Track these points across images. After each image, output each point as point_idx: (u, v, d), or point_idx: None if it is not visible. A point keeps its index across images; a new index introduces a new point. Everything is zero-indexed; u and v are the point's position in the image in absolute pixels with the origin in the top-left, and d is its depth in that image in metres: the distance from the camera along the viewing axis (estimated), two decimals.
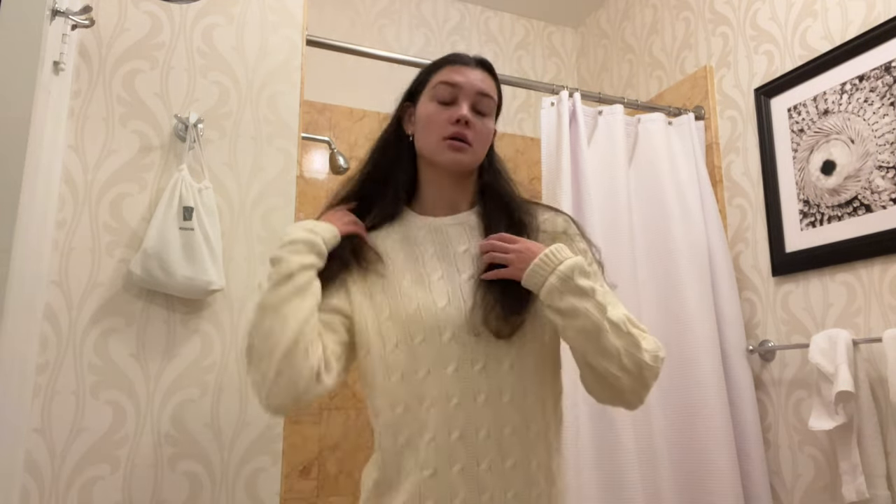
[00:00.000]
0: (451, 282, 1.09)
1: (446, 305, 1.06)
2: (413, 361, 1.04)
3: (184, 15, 1.67)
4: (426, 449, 1.01)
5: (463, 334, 1.04)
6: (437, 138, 1.12)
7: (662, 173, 2.10)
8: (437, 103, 1.14)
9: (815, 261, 1.85)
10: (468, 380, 1.03)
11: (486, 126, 1.15)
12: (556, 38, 3.15)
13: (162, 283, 1.46)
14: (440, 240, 1.14)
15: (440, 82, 1.14)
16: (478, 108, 1.14)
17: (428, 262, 1.11)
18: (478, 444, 1.02)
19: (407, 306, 1.06)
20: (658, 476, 1.83)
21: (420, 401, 1.03)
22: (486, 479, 1.01)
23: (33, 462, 1.38)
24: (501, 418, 1.03)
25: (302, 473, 2.32)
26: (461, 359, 1.03)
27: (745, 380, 1.96)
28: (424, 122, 1.14)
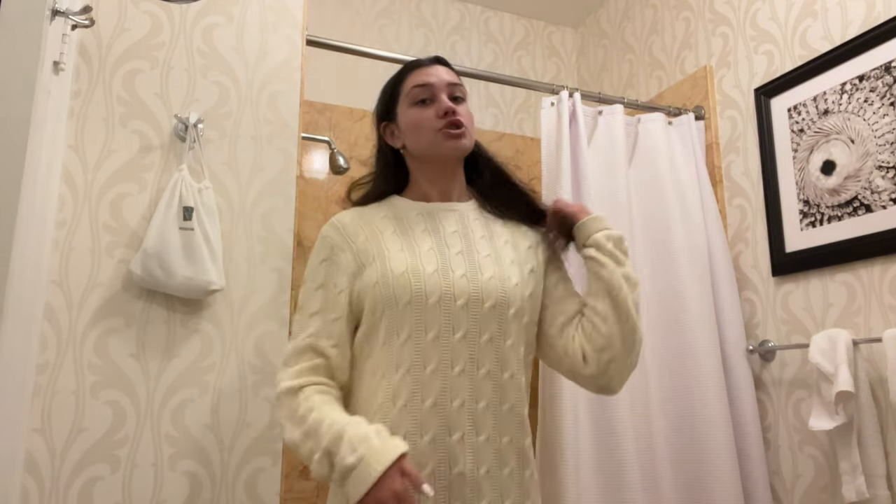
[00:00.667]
0: (441, 254, 1.13)
1: (434, 272, 1.09)
2: (396, 326, 1.07)
3: (184, 15, 1.67)
4: (398, 415, 1.03)
5: (448, 301, 1.07)
6: (432, 134, 1.16)
7: (662, 173, 2.10)
8: (417, 107, 1.19)
9: (815, 261, 1.85)
10: (447, 348, 1.06)
11: (468, 110, 1.21)
12: (556, 38, 3.15)
13: (162, 283, 1.46)
14: (430, 220, 1.19)
15: (413, 87, 1.20)
16: (454, 96, 1.20)
17: (418, 236, 1.15)
18: (450, 414, 1.04)
19: (395, 269, 1.09)
20: (658, 476, 1.83)
21: (396, 367, 1.05)
22: (457, 451, 1.03)
23: (33, 462, 1.38)
24: (477, 391, 1.06)
25: (302, 473, 2.32)
26: (443, 326, 1.06)
27: (745, 380, 1.96)
28: (413, 127, 1.19)
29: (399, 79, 1.24)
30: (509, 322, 1.11)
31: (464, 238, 1.16)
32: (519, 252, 1.20)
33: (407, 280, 1.08)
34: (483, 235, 1.19)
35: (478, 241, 1.17)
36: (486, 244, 1.17)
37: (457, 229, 1.18)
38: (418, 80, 1.20)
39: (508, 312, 1.11)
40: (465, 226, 1.19)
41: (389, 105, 1.25)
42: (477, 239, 1.18)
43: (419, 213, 1.20)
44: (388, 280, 1.08)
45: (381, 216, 1.19)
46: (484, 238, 1.18)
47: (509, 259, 1.16)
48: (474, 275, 1.11)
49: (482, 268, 1.13)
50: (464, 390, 1.05)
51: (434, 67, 1.22)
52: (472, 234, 1.18)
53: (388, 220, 1.18)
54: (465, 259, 1.13)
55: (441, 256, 1.12)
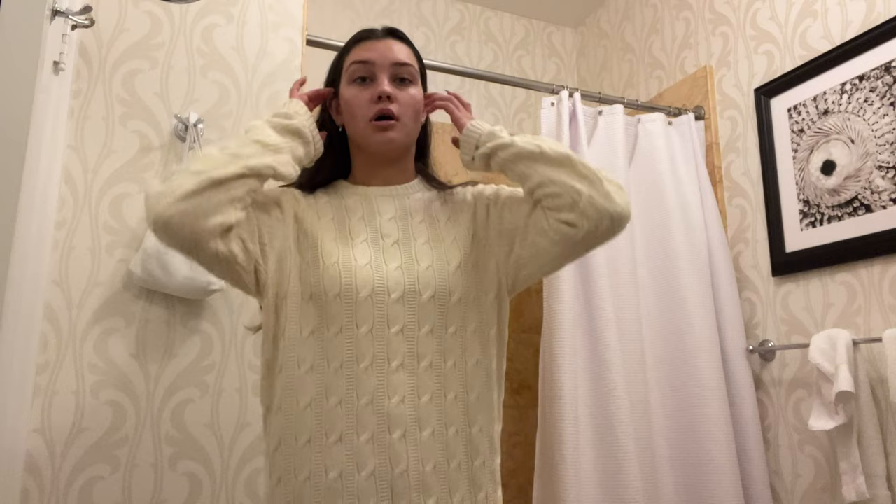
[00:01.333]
0: (375, 245, 1.06)
1: (366, 264, 1.03)
2: (325, 318, 1.00)
3: (184, 15, 1.67)
4: (332, 413, 0.97)
5: (382, 294, 1.01)
6: (363, 121, 1.09)
7: (662, 173, 2.10)
8: (355, 85, 1.10)
9: (815, 261, 1.85)
10: (382, 343, 0.99)
11: (411, 94, 1.11)
12: (556, 38, 3.15)
13: (162, 283, 1.46)
14: (368, 206, 1.11)
15: (352, 63, 1.11)
16: (399, 76, 1.11)
17: (354, 225, 1.09)
18: (390, 411, 0.97)
19: (326, 260, 1.03)
20: (658, 476, 1.83)
21: (328, 361, 0.99)
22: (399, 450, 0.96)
23: (33, 462, 1.38)
24: (419, 385, 1.00)
25: None
26: (377, 320, 1.00)
27: (745, 380, 1.96)
28: (347, 108, 1.11)
29: (344, 51, 1.15)
30: (452, 309, 1.04)
31: (401, 225, 1.10)
32: (459, 226, 1.12)
33: (336, 272, 1.01)
34: (423, 219, 1.12)
35: (416, 227, 1.10)
36: (426, 228, 1.10)
37: (394, 215, 1.11)
38: (359, 55, 1.11)
39: (451, 300, 1.04)
40: (404, 211, 1.11)
41: (334, 77, 1.17)
42: (416, 224, 1.11)
43: (358, 199, 1.12)
44: (319, 270, 1.02)
45: (323, 201, 1.13)
46: (423, 222, 1.11)
47: (450, 239, 1.09)
48: (410, 266, 1.04)
49: (419, 257, 1.06)
50: (403, 386, 0.99)
51: (382, 42, 1.12)
52: (411, 219, 1.11)
53: (328, 206, 1.12)
54: (401, 249, 1.07)
55: (374, 248, 1.06)
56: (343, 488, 0.95)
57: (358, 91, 1.10)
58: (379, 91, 1.07)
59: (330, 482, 0.95)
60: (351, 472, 0.95)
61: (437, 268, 1.05)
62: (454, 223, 1.12)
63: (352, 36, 1.15)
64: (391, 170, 1.15)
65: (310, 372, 0.99)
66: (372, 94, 1.08)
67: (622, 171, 2.04)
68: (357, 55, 1.11)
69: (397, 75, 1.10)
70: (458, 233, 1.11)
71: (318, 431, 0.97)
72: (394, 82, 1.10)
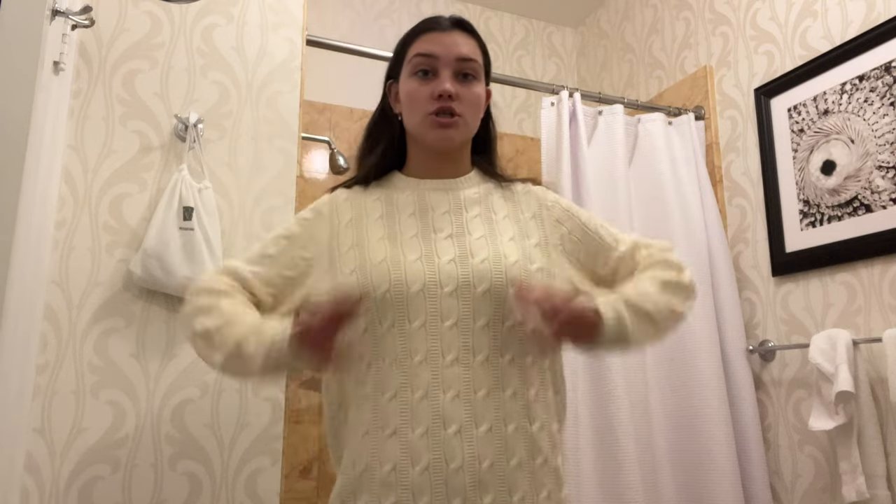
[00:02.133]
0: (426, 239, 1.05)
1: (416, 259, 1.02)
2: (375, 315, 1.00)
3: (184, 15, 1.67)
4: (387, 407, 0.97)
5: (434, 288, 0.99)
6: (422, 116, 1.06)
7: (662, 173, 2.10)
8: (416, 78, 1.07)
9: (815, 261, 1.85)
10: (436, 336, 0.98)
11: (474, 92, 1.08)
12: (556, 38, 3.15)
13: (162, 283, 1.46)
14: (420, 201, 1.10)
15: (416, 55, 1.07)
16: (462, 72, 1.07)
17: (404, 221, 1.07)
18: (444, 405, 0.96)
19: (373, 258, 1.02)
20: (658, 476, 1.83)
21: (382, 356, 0.99)
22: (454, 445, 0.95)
23: (33, 462, 1.38)
24: (475, 380, 0.98)
25: (302, 473, 2.32)
26: (430, 314, 0.99)
27: (745, 380, 1.96)
28: (407, 101, 1.08)
29: (408, 39, 1.11)
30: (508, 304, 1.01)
31: (455, 219, 1.07)
32: (521, 225, 1.10)
33: (385, 269, 1.01)
34: (478, 214, 1.09)
35: (471, 222, 1.08)
36: (481, 223, 1.08)
37: (448, 209, 1.09)
38: (423, 47, 1.07)
39: (507, 294, 1.01)
40: (458, 205, 1.09)
41: (396, 64, 1.14)
42: (471, 219, 1.08)
43: (411, 193, 1.11)
44: (366, 269, 1.01)
45: (374, 199, 1.12)
46: (479, 217, 1.09)
47: (508, 236, 1.07)
48: (464, 259, 1.02)
49: (474, 250, 1.04)
50: (458, 380, 0.97)
51: (448, 34, 1.08)
52: (466, 214, 1.09)
53: (378, 203, 1.11)
54: (455, 243, 1.04)
55: (426, 242, 1.04)
56: (397, 482, 0.94)
57: (419, 84, 1.07)
58: (441, 89, 1.04)
59: (384, 475, 0.95)
60: (405, 466, 0.94)
61: (493, 261, 1.02)
62: (514, 220, 1.10)
63: (417, 24, 1.11)
64: (447, 164, 1.13)
65: (367, 368, 1.00)
66: (433, 90, 1.05)
67: (622, 171, 2.04)
68: (420, 47, 1.08)
69: (461, 71, 1.07)
70: (518, 231, 1.09)
71: (374, 425, 0.97)
72: (456, 78, 1.07)
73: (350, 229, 1.08)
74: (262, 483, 1.53)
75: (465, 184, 1.13)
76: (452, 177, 1.13)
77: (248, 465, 1.53)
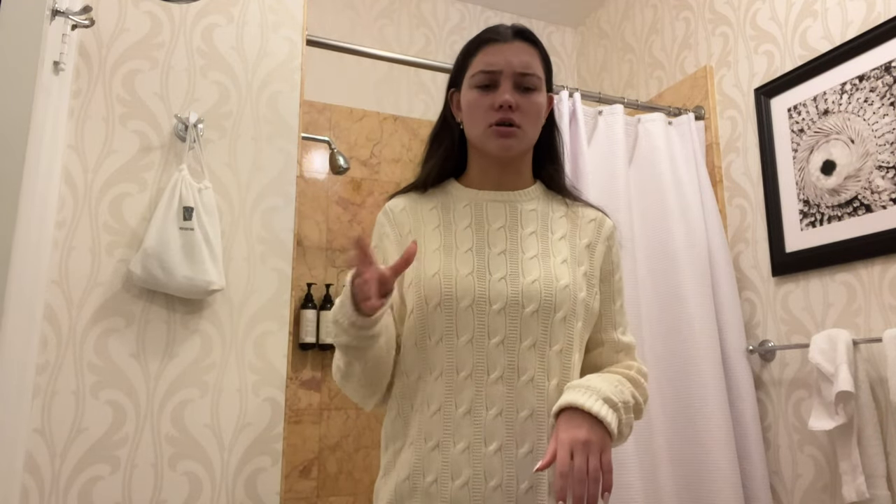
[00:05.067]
0: (480, 254, 1.06)
1: (469, 274, 1.04)
2: (426, 328, 1.03)
3: (184, 15, 1.67)
4: (431, 421, 1.00)
5: (483, 304, 1.02)
6: (483, 126, 1.08)
7: (662, 173, 2.10)
8: (477, 90, 1.09)
9: (815, 261, 1.85)
10: (482, 353, 1.00)
11: (534, 103, 1.09)
12: (556, 38, 3.15)
13: (162, 283, 1.46)
14: (477, 213, 1.11)
15: (478, 71, 1.09)
16: (522, 85, 1.08)
17: (460, 233, 1.09)
18: (486, 423, 0.98)
19: (427, 270, 1.05)
20: (658, 476, 1.83)
21: (430, 370, 1.02)
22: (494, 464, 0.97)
23: (33, 462, 1.38)
24: (518, 399, 0.99)
25: (302, 473, 2.32)
26: (477, 330, 1.01)
27: (745, 380, 1.96)
28: (468, 111, 1.10)
29: (471, 51, 1.12)
30: (556, 326, 1.03)
31: (510, 235, 1.09)
32: (575, 250, 1.10)
33: (438, 282, 1.03)
34: (534, 231, 1.10)
35: (526, 239, 1.09)
36: (536, 242, 1.09)
37: (504, 224, 1.10)
38: (485, 61, 1.08)
39: (555, 317, 1.03)
40: (514, 220, 1.10)
41: (458, 74, 1.15)
42: (526, 236, 1.09)
43: (468, 205, 1.12)
44: (421, 281, 1.04)
45: (430, 207, 1.13)
46: (534, 234, 1.10)
47: (561, 258, 1.08)
48: (515, 277, 1.04)
49: (525, 270, 1.05)
50: (501, 399, 0.99)
51: (509, 45, 1.08)
52: (521, 231, 1.10)
53: (435, 213, 1.12)
54: (508, 260, 1.06)
55: (479, 257, 1.06)
56: (438, 494, 0.97)
57: (479, 95, 1.08)
58: (501, 101, 1.05)
59: (426, 486, 0.98)
60: (446, 479, 0.97)
61: (545, 283, 1.04)
62: (570, 243, 1.11)
63: (479, 34, 1.12)
64: (507, 174, 1.13)
65: (418, 381, 1.03)
66: (493, 101, 1.07)
67: (622, 171, 2.04)
68: (483, 60, 1.09)
69: (521, 84, 1.08)
70: (572, 255, 1.09)
71: (419, 437, 1.01)
72: (517, 89, 1.08)
73: (409, 239, 1.10)
74: (262, 483, 1.53)
75: (524, 197, 1.14)
76: (512, 189, 1.14)
77: (248, 465, 1.53)
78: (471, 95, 1.09)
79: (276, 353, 1.60)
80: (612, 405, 0.97)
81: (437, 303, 1.02)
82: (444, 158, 1.16)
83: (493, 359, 1.00)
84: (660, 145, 2.14)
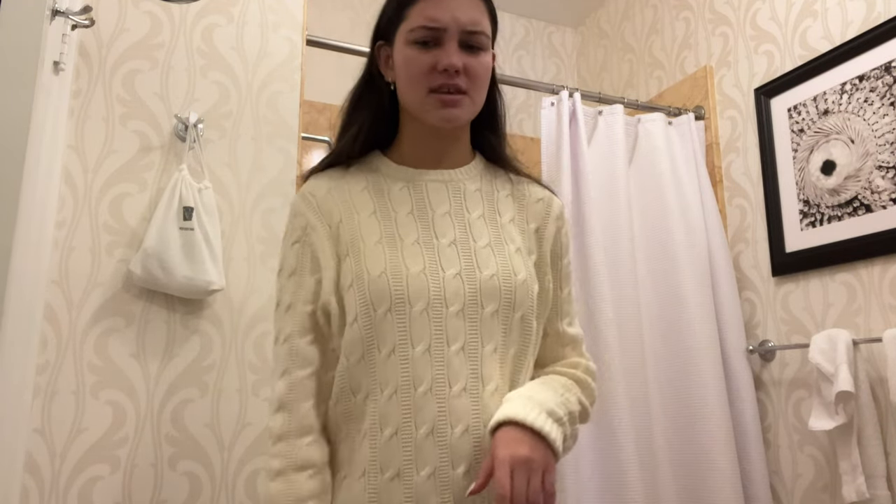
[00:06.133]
0: (428, 246, 0.92)
1: (420, 272, 0.89)
2: (374, 338, 0.88)
3: (184, 15, 1.67)
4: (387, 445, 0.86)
5: (439, 307, 0.88)
6: (423, 91, 0.92)
7: (662, 173, 2.10)
8: (416, 47, 0.93)
9: (815, 261, 1.85)
10: (441, 363, 0.87)
11: (483, 64, 0.94)
12: (556, 38, 3.15)
13: (162, 283, 1.46)
14: (417, 196, 0.96)
15: (418, 26, 0.93)
16: (469, 44, 0.93)
17: (402, 222, 0.94)
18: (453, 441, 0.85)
19: (371, 269, 0.89)
20: (658, 476, 1.83)
21: (381, 387, 0.87)
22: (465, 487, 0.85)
23: (33, 462, 1.38)
24: (485, 413, 0.86)
25: None
26: (434, 337, 0.87)
27: (745, 380, 1.96)
28: (404, 72, 0.94)
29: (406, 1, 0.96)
30: (514, 327, 0.91)
31: (457, 221, 0.94)
32: (525, 235, 0.99)
33: (385, 284, 0.88)
34: (481, 214, 0.97)
35: (475, 224, 0.95)
36: (485, 227, 0.96)
37: (449, 209, 0.95)
38: (427, 15, 0.92)
39: (514, 316, 0.91)
40: (459, 203, 0.96)
41: (389, 25, 0.98)
42: (474, 220, 0.96)
43: (404, 186, 0.96)
44: (364, 282, 0.88)
45: (360, 188, 0.97)
46: (482, 218, 0.96)
47: (514, 246, 0.96)
48: (471, 272, 0.90)
49: (481, 263, 0.91)
50: (467, 414, 0.86)
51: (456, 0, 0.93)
52: (468, 215, 0.96)
53: (367, 195, 0.96)
54: (459, 251, 0.92)
55: (428, 250, 0.91)
56: None
57: (419, 54, 0.92)
58: (447, 63, 0.90)
59: None
60: None
61: (503, 278, 0.91)
62: (519, 227, 0.99)
63: None
64: (446, 147, 0.99)
65: (366, 401, 0.88)
66: (436, 62, 0.91)
67: (622, 171, 2.04)
68: (423, 14, 0.92)
69: (468, 43, 0.93)
70: (523, 241, 0.98)
71: (373, 467, 0.86)
72: (463, 48, 0.93)
73: (343, 229, 0.94)
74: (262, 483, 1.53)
75: (465, 175, 1.00)
76: (451, 166, 1.00)
77: (249, 465, 1.53)
78: (408, 53, 0.93)
79: None
80: (557, 419, 0.85)
81: (388, 308, 0.87)
82: (371, 126, 1.00)
83: (455, 369, 0.86)
84: (660, 145, 2.14)
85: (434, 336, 0.87)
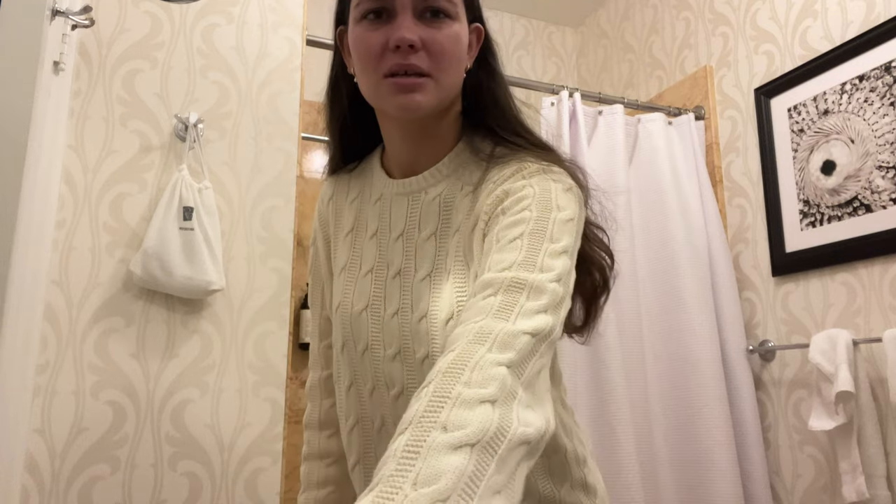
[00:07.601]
0: (378, 278, 0.80)
1: (363, 310, 0.80)
2: (338, 371, 0.85)
3: (184, 15, 1.67)
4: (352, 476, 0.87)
5: (378, 350, 0.78)
6: (377, 77, 0.74)
7: (662, 173, 2.10)
8: (365, 23, 0.74)
9: (815, 261, 1.85)
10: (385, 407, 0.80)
11: (447, 35, 0.74)
12: (556, 38, 3.15)
13: (162, 283, 1.46)
14: (383, 216, 0.83)
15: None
16: (428, 11, 0.74)
17: (365, 247, 0.84)
18: None
19: (334, 302, 0.85)
20: (658, 476, 1.83)
21: (345, 418, 0.85)
22: None
23: (33, 462, 1.38)
24: None
25: None
26: (377, 380, 0.80)
27: (745, 380, 1.96)
28: (356, 56, 0.76)
29: None
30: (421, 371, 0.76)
31: (407, 245, 0.80)
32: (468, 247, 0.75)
33: (338, 320, 0.83)
34: (433, 232, 0.79)
35: (421, 248, 0.79)
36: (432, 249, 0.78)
37: (402, 230, 0.81)
38: None
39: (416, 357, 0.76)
40: (414, 220, 0.80)
41: (344, 6, 0.82)
42: (421, 243, 0.79)
43: (378, 201, 0.84)
44: (331, 313, 0.86)
45: (350, 199, 0.88)
46: (432, 237, 0.78)
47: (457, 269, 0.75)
48: (406, 313, 0.77)
49: (415, 300, 0.77)
50: None
51: None
52: (418, 235, 0.79)
53: (352, 211, 0.87)
54: (401, 285, 0.78)
55: (377, 283, 0.80)
56: None
57: (367, 31, 0.74)
58: (396, 39, 0.71)
59: None
60: None
61: (431, 320, 0.74)
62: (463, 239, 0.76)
63: None
64: (423, 144, 0.81)
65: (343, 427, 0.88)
66: (386, 39, 0.73)
67: (622, 172, 2.04)
68: None
69: (426, 8, 0.74)
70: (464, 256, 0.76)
71: None
72: (422, 19, 0.74)
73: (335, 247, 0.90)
74: (262, 483, 1.53)
75: (431, 179, 0.80)
76: (424, 168, 0.81)
77: (248, 465, 1.53)
78: (357, 32, 0.75)
79: (276, 353, 1.60)
80: None
81: (341, 345, 0.82)
82: (342, 131, 0.87)
83: (398, 414, 0.77)
84: (660, 145, 2.14)
85: (375, 378, 0.80)
